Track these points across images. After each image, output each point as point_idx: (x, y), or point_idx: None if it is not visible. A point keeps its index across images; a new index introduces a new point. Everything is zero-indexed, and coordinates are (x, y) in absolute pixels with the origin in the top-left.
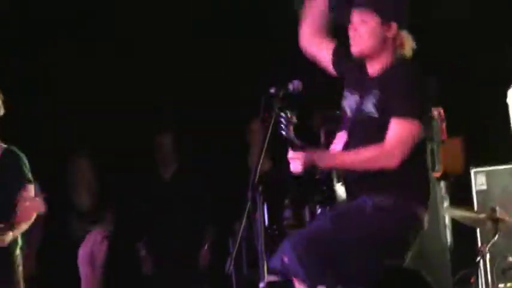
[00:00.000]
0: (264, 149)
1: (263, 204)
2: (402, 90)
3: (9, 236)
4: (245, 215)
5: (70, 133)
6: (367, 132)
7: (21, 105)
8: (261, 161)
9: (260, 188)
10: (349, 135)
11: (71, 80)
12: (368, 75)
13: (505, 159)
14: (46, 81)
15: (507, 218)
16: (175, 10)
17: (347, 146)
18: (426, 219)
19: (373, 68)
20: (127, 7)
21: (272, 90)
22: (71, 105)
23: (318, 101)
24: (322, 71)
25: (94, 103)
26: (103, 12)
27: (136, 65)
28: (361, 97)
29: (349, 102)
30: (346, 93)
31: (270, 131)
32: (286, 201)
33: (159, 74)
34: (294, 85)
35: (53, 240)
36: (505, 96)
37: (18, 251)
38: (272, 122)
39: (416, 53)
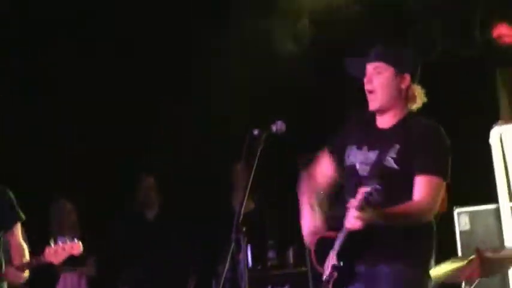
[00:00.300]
0: (248, 189)
1: (247, 245)
2: (431, 147)
3: (27, 272)
4: (229, 256)
5: (52, 174)
6: (391, 185)
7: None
8: (245, 201)
9: (244, 229)
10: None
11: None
12: (378, 128)
13: (488, 200)
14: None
15: (492, 255)
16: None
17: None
18: None
19: (385, 121)
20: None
21: (255, 132)
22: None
23: (302, 142)
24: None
25: (79, 142)
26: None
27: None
28: (378, 151)
29: (360, 157)
30: (352, 149)
31: (253, 172)
32: (270, 242)
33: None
34: (277, 126)
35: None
36: (488, 136)
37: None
38: (255, 162)
39: None
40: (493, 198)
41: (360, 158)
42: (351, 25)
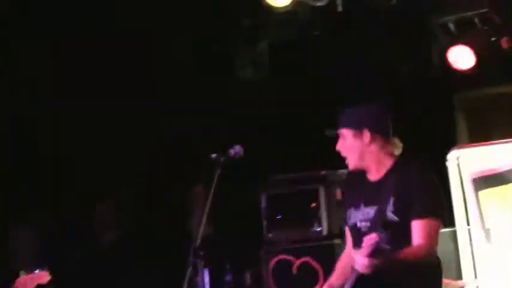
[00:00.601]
0: (206, 213)
1: (204, 269)
2: (422, 191)
3: None
4: (186, 280)
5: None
6: (393, 235)
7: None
8: (203, 225)
9: (201, 253)
10: (380, 239)
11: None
12: (370, 181)
13: (445, 223)
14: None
15: (452, 282)
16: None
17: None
18: None
19: (373, 174)
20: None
21: (213, 155)
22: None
23: (261, 166)
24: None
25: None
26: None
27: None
28: (376, 206)
29: (359, 215)
30: (351, 211)
31: (211, 196)
32: (228, 266)
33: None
34: (235, 150)
35: None
36: (445, 159)
37: None
38: (213, 186)
39: None
40: (450, 221)
41: (359, 217)
42: (312, 50)
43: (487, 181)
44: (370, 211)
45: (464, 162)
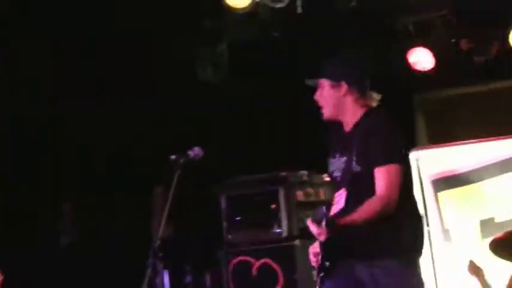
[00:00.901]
0: (166, 214)
1: (163, 270)
2: (375, 140)
3: None
4: (146, 281)
5: None
6: (359, 187)
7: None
8: (163, 226)
9: (161, 254)
10: (348, 192)
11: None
12: (344, 132)
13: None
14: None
15: None
16: None
17: (347, 202)
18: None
19: (347, 125)
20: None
21: (173, 157)
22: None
23: (220, 168)
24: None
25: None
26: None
27: None
28: (346, 157)
29: (336, 165)
30: (330, 160)
31: (171, 197)
32: (188, 267)
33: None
34: (195, 152)
35: None
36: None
37: None
38: (173, 187)
39: None
40: None
41: (335, 166)
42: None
43: (446, 182)
44: (342, 161)
45: (424, 164)
